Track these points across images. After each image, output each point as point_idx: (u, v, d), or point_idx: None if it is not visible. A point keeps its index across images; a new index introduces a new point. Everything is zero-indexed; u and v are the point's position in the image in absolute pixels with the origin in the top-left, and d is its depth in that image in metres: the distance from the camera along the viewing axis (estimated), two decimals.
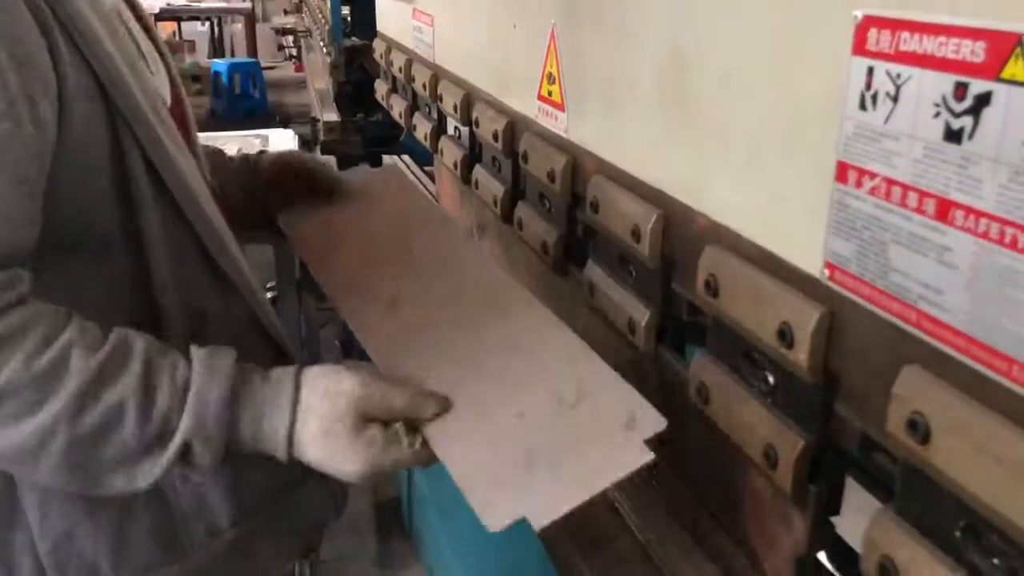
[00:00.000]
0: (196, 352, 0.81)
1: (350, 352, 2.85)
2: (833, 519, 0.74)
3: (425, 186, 2.10)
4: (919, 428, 0.55)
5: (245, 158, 1.26)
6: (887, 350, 0.60)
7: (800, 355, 0.67)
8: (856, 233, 0.62)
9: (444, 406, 0.85)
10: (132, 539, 0.88)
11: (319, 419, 0.81)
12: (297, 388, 0.82)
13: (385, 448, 0.82)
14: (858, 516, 0.68)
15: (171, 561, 0.90)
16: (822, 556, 0.75)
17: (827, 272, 0.65)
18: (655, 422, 0.79)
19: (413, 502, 2.47)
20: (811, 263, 0.67)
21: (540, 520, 0.74)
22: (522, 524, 0.74)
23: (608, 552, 0.99)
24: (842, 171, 0.62)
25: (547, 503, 0.75)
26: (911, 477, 0.58)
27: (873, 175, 0.59)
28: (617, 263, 1.00)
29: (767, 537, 0.77)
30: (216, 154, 1.21)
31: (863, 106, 0.60)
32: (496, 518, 0.76)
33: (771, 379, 0.74)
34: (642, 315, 0.93)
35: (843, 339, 0.65)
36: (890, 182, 0.58)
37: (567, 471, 0.77)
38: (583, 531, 1.00)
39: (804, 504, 0.71)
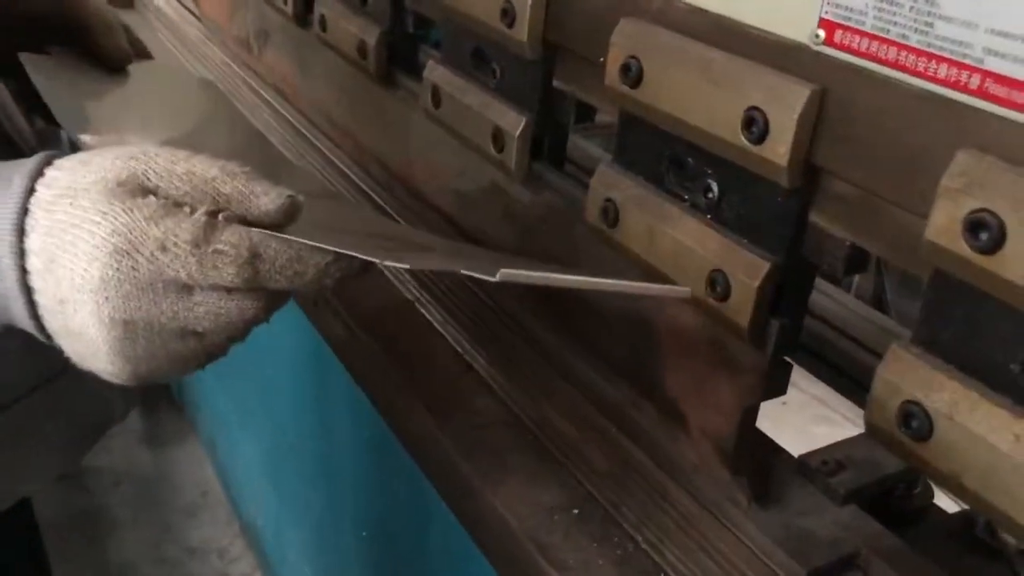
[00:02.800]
0: None
1: None
2: None
3: (180, 2, 1.73)
4: (985, 229, 0.41)
5: None
6: (919, 134, 0.45)
7: (777, 149, 0.50)
8: None
9: (293, 202, 0.48)
10: None
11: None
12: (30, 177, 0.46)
13: (197, 246, 0.44)
14: None
15: None
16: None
17: (821, 34, 0.49)
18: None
19: None
20: (795, 25, 0.50)
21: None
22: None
23: (464, 411, 0.82)
24: None
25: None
26: (953, 298, 0.45)
27: None
28: (473, 60, 0.78)
29: (697, 385, 0.63)
30: None
31: None
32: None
33: (714, 188, 0.58)
34: (514, 124, 0.73)
35: (840, 126, 0.49)
36: None
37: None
38: (427, 392, 0.82)
39: (762, 342, 0.56)
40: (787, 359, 0.58)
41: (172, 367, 0.48)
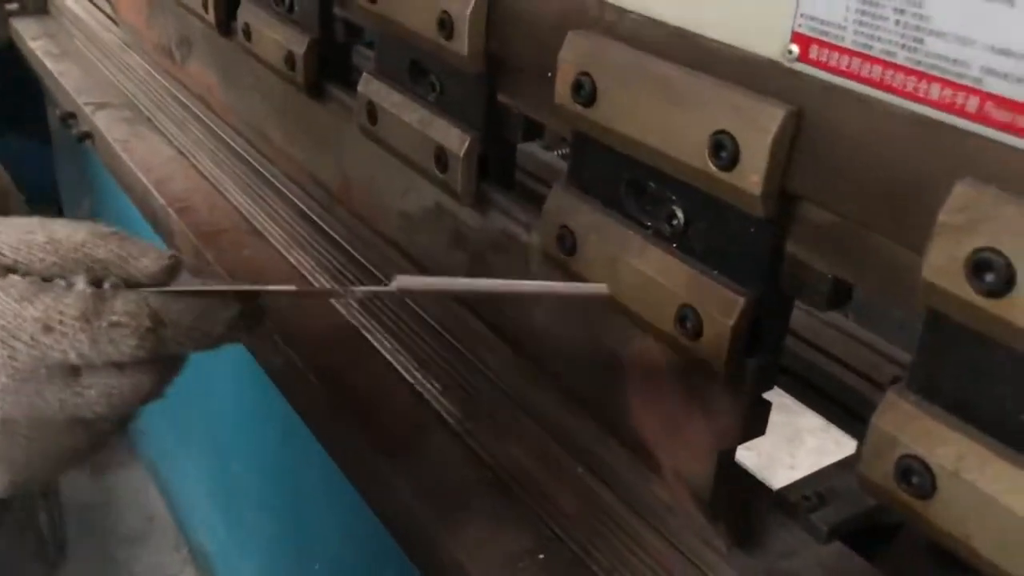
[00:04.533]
0: None
1: None
2: None
3: (97, 6, 1.64)
4: (992, 271, 0.36)
5: None
6: (908, 160, 0.40)
7: (750, 177, 0.46)
8: None
9: (176, 260, 0.43)
10: None
11: None
12: None
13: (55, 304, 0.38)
14: None
15: None
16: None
17: (795, 50, 0.44)
18: None
19: None
20: (764, 40, 0.45)
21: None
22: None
23: (419, 450, 0.77)
24: None
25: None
26: (954, 343, 0.40)
27: None
28: (411, 73, 0.72)
29: (668, 427, 0.58)
30: None
31: None
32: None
33: (679, 216, 0.53)
34: (458, 142, 0.68)
35: (818, 150, 0.44)
36: None
37: None
38: (378, 430, 0.77)
39: (739, 382, 0.52)
40: (765, 398, 0.53)
41: (56, 467, 0.42)
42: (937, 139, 0.39)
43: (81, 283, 0.38)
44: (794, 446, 2.00)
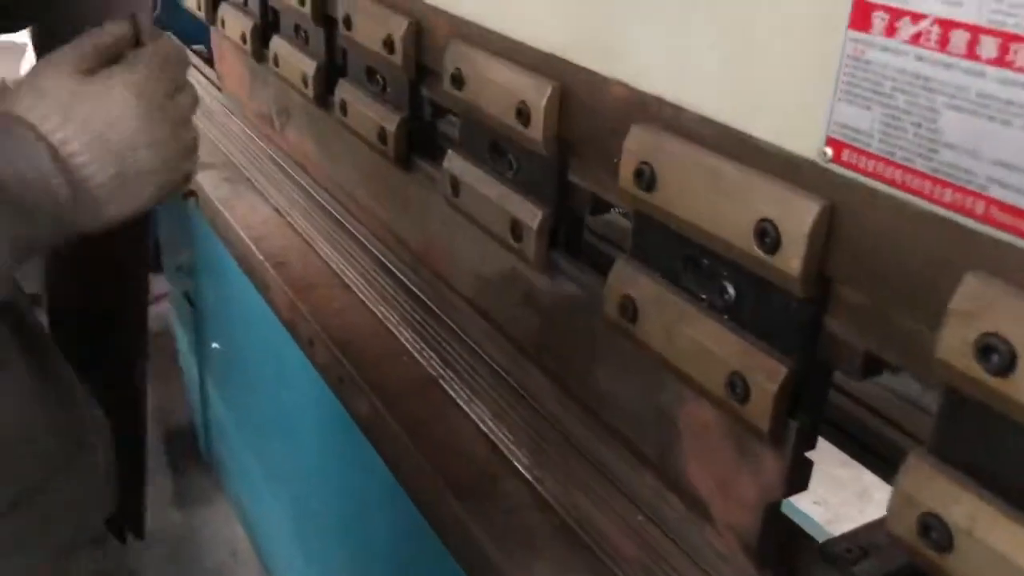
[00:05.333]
0: None
1: None
2: None
3: (198, 69, 1.77)
4: (996, 353, 0.42)
5: None
6: (927, 253, 0.46)
7: (791, 261, 0.52)
8: (882, 99, 0.46)
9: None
10: None
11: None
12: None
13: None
14: None
15: None
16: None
17: (829, 152, 0.50)
18: None
19: (210, 429, 2.21)
20: (803, 141, 0.51)
21: None
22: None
23: (493, 495, 0.83)
24: (862, 13, 0.46)
25: None
26: (965, 413, 0.45)
27: (919, 17, 0.44)
28: (491, 152, 0.80)
29: (720, 481, 0.64)
30: None
31: None
32: None
33: (729, 290, 0.59)
34: (531, 216, 0.75)
35: (850, 240, 0.50)
36: (949, 25, 0.43)
37: None
38: (456, 475, 0.84)
39: (781, 442, 0.57)
40: (807, 457, 0.58)
41: (185, 155, 0.71)
42: (949, 235, 0.45)
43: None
44: (863, 502, 2.02)
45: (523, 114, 0.71)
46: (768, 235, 0.52)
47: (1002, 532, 0.43)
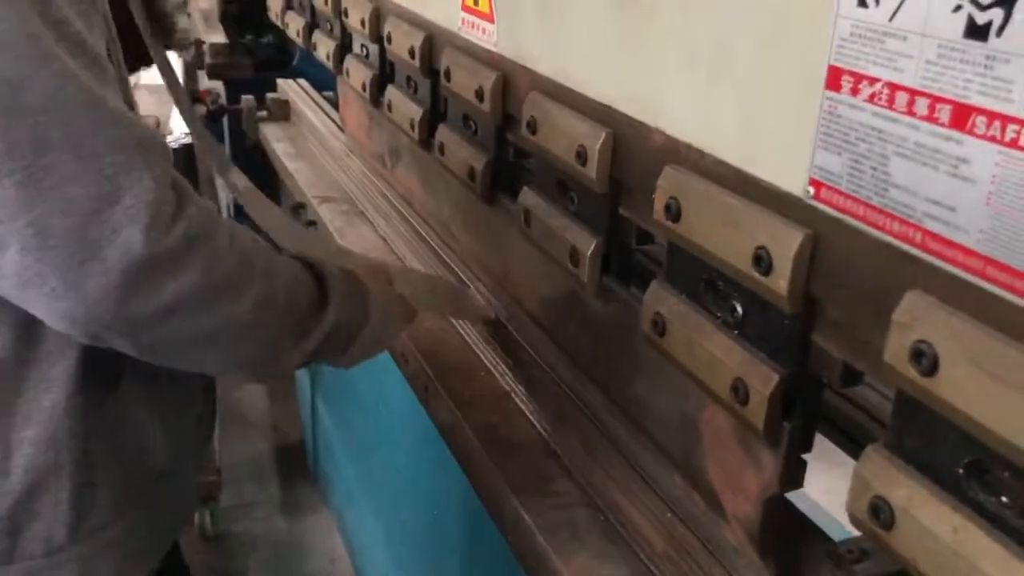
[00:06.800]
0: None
1: None
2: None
3: (326, 112, 1.97)
4: (924, 357, 0.50)
5: None
6: (882, 275, 0.55)
7: (779, 281, 0.61)
8: (849, 146, 0.56)
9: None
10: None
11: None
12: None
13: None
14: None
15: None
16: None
17: (811, 190, 0.60)
18: None
19: (318, 445, 2.39)
20: (792, 181, 0.61)
21: None
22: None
23: (546, 493, 0.93)
24: (834, 77, 0.56)
25: None
26: (907, 410, 0.54)
27: (873, 80, 0.53)
28: (557, 188, 0.92)
29: (730, 477, 0.73)
30: None
31: (863, 2, 0.53)
32: None
33: (739, 309, 0.69)
34: (587, 244, 0.86)
35: (828, 264, 0.59)
36: (894, 87, 0.52)
37: None
38: (517, 475, 0.94)
39: (777, 442, 0.66)
40: (802, 457, 0.67)
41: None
42: (898, 260, 0.54)
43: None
44: None
45: (581, 156, 0.83)
46: (762, 260, 0.62)
47: (931, 510, 0.52)
